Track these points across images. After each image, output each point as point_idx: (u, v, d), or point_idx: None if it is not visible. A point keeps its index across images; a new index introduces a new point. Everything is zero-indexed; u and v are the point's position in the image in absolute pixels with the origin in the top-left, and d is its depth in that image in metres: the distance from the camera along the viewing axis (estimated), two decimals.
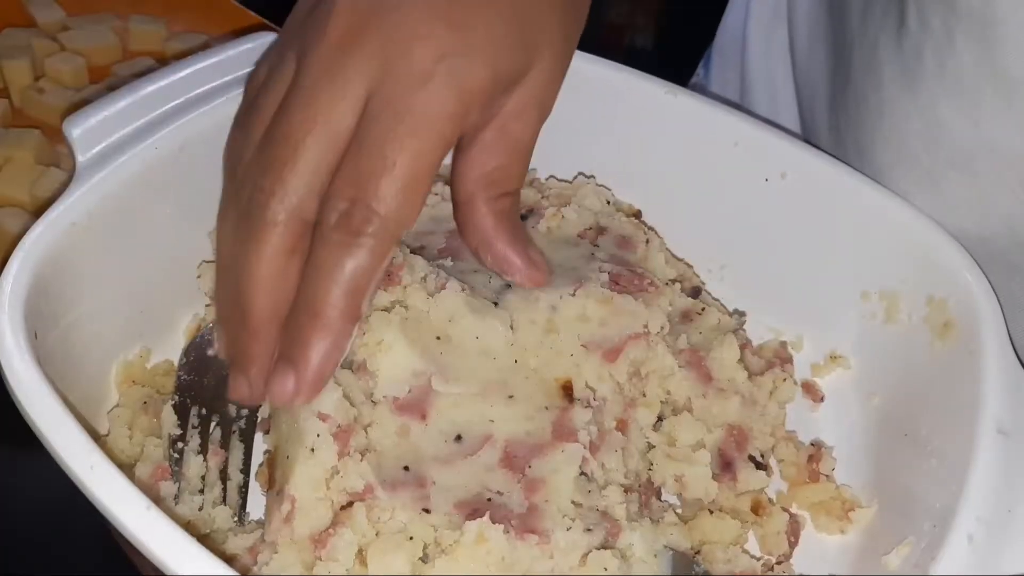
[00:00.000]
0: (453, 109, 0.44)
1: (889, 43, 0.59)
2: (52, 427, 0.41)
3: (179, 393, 0.53)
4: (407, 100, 0.44)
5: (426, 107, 0.44)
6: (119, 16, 0.86)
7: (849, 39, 0.65)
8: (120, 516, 0.39)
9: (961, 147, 0.56)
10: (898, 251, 0.57)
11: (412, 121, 0.44)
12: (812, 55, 0.73)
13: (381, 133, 0.44)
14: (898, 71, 0.58)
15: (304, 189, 0.44)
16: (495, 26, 0.46)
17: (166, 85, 0.55)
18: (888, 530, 0.51)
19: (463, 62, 0.45)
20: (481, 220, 0.49)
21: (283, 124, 0.45)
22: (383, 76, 0.44)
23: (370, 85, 0.44)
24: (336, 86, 0.44)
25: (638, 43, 1.78)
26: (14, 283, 0.45)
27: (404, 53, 0.44)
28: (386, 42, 0.44)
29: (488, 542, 0.44)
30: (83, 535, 0.55)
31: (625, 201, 0.63)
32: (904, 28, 0.58)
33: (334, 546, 0.44)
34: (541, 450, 0.48)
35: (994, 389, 0.48)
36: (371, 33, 0.45)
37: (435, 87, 0.44)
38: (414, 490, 0.46)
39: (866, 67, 0.62)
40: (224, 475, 0.52)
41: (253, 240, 0.45)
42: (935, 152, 0.57)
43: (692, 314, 0.58)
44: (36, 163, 0.74)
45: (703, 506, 0.53)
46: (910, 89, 0.57)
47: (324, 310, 0.44)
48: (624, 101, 0.61)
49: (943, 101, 0.56)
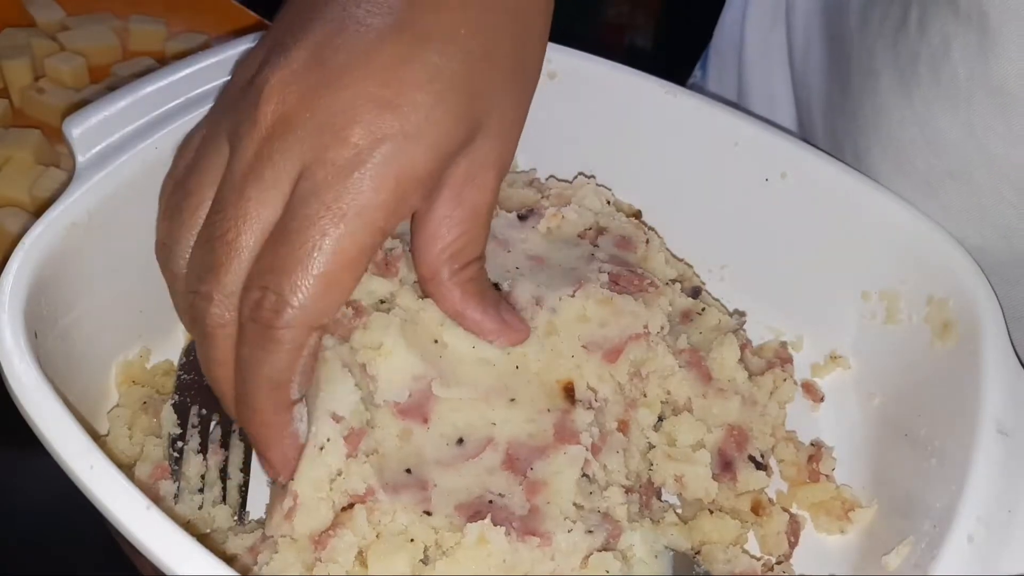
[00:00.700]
0: (386, 198, 0.42)
1: (886, 50, 0.59)
2: (52, 427, 0.41)
3: (179, 393, 0.54)
4: (335, 188, 0.42)
5: (356, 196, 0.42)
6: (119, 16, 0.86)
7: (847, 43, 0.65)
8: (120, 516, 0.39)
9: (958, 157, 0.56)
10: (898, 251, 0.57)
11: (338, 210, 0.42)
12: (809, 57, 0.73)
13: (304, 221, 0.42)
14: (895, 79, 0.58)
15: (237, 287, 0.43)
16: (433, 105, 0.43)
17: (166, 85, 0.55)
18: (888, 530, 0.51)
19: (399, 146, 0.42)
20: (448, 294, 0.48)
21: (217, 223, 0.44)
22: (313, 162, 0.42)
23: (298, 172, 0.43)
24: (266, 177, 0.43)
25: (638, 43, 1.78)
26: (14, 283, 0.45)
27: (335, 138, 0.42)
28: (317, 127, 0.42)
29: (489, 544, 0.44)
30: (83, 535, 0.55)
31: (625, 201, 0.63)
32: (902, 35, 0.57)
33: (334, 547, 0.44)
34: (543, 452, 0.48)
35: (994, 389, 0.48)
36: (302, 117, 0.43)
37: (367, 174, 0.42)
38: (415, 492, 0.46)
39: (863, 73, 0.62)
40: (224, 474, 0.52)
41: (204, 347, 0.45)
42: (932, 161, 0.57)
43: (692, 314, 0.59)
44: (36, 163, 0.74)
45: (703, 506, 0.53)
46: (906, 97, 0.57)
47: (255, 407, 0.44)
48: (624, 101, 0.61)
49: (939, 111, 0.56)
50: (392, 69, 0.43)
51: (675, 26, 1.72)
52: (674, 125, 0.61)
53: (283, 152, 0.43)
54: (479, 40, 0.45)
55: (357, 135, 0.42)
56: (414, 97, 0.43)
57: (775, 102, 0.79)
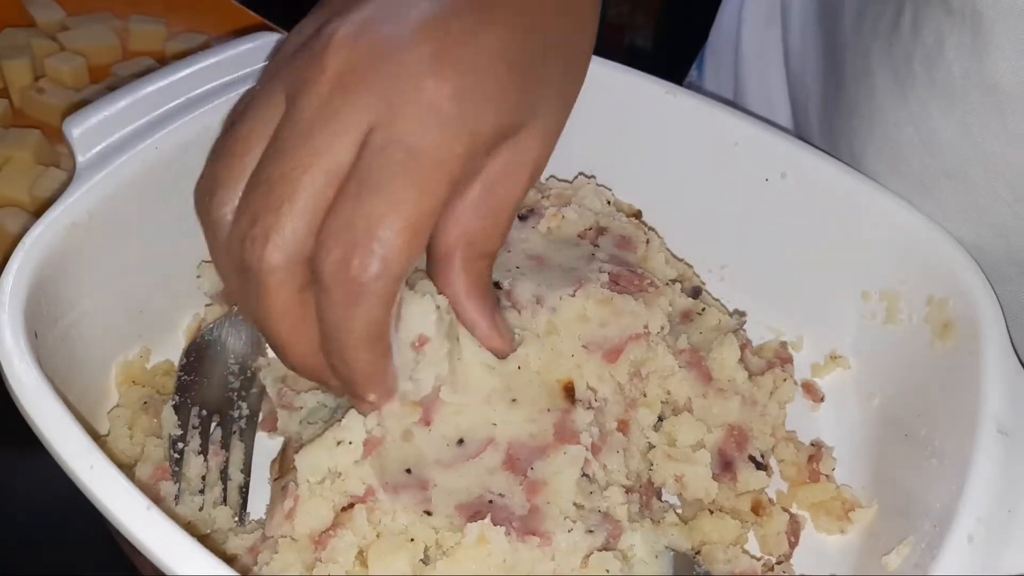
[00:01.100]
0: (464, 151, 0.42)
1: (881, 51, 0.59)
2: (52, 427, 0.41)
3: (180, 393, 0.53)
4: (419, 136, 0.41)
5: (440, 145, 0.42)
6: (119, 16, 0.86)
7: (842, 44, 0.65)
8: (120, 516, 0.39)
9: (953, 155, 0.56)
10: (898, 251, 0.57)
11: (425, 159, 0.41)
12: (805, 58, 0.73)
13: (388, 170, 0.41)
14: (890, 79, 0.58)
15: (304, 230, 0.41)
16: (502, 75, 0.44)
17: (166, 85, 0.55)
18: (888, 530, 0.51)
19: (476, 105, 0.43)
20: (455, 279, 0.47)
21: (277, 163, 0.42)
22: (391, 112, 0.41)
23: (373, 120, 0.42)
24: (337, 122, 0.42)
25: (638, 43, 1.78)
26: (14, 283, 0.45)
27: (415, 89, 0.42)
28: (393, 79, 0.42)
29: (489, 544, 0.44)
30: (83, 535, 0.55)
31: (625, 201, 0.63)
32: (896, 35, 0.57)
33: (334, 547, 0.44)
34: (543, 452, 0.48)
35: (994, 389, 0.48)
36: (375, 70, 0.42)
37: (450, 126, 0.42)
38: (416, 492, 0.46)
39: (858, 73, 0.62)
40: (224, 475, 0.52)
41: (257, 297, 0.42)
42: (927, 160, 0.57)
43: (692, 314, 0.59)
44: (36, 163, 0.74)
45: (703, 506, 0.53)
46: (902, 97, 0.57)
47: (355, 362, 0.43)
48: (624, 101, 0.61)
49: (934, 110, 0.56)
50: (460, 35, 0.43)
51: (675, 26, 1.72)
52: (674, 125, 0.61)
53: (355, 102, 0.42)
54: (537, 29, 0.46)
55: (438, 88, 0.42)
56: (485, 65, 0.43)
57: (771, 103, 0.79)
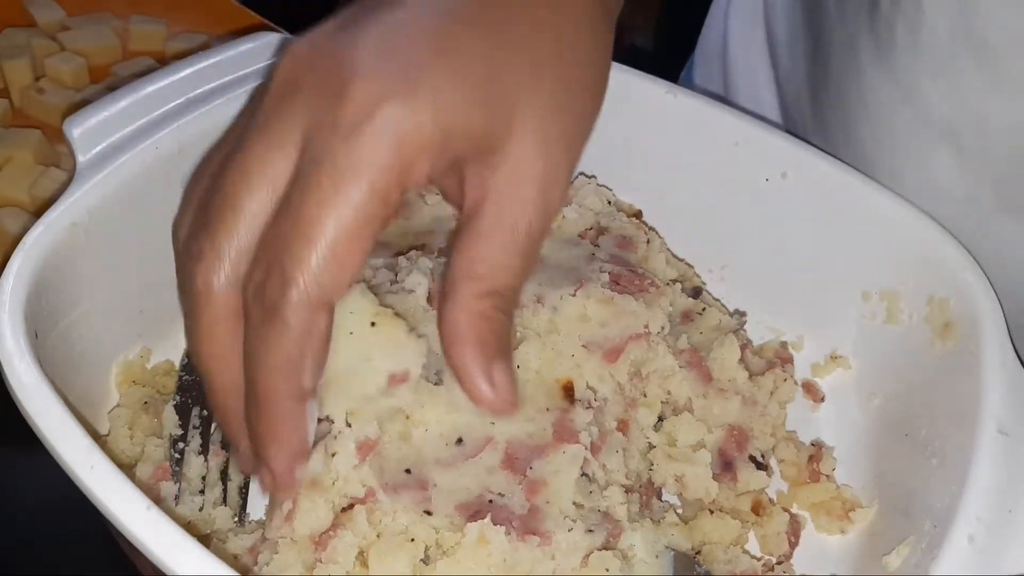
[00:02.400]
0: (387, 162, 0.38)
1: (864, 28, 0.59)
2: (52, 427, 0.41)
3: (181, 393, 0.53)
4: (333, 151, 0.38)
5: (356, 160, 0.38)
6: (119, 16, 0.86)
7: (827, 33, 0.65)
8: (120, 516, 0.39)
9: (944, 121, 0.55)
10: (899, 251, 0.57)
11: (337, 175, 0.38)
12: (793, 54, 0.73)
13: (304, 189, 0.38)
14: (874, 53, 0.58)
15: (235, 253, 0.40)
16: (446, 75, 0.40)
17: (166, 85, 0.55)
18: (888, 530, 0.51)
19: (401, 106, 0.38)
20: (451, 316, 0.41)
21: (217, 181, 0.41)
22: (314, 123, 0.39)
23: (303, 132, 0.39)
24: (271, 136, 0.40)
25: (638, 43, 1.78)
26: (14, 283, 0.45)
27: (338, 95, 0.39)
28: (323, 84, 0.39)
29: (490, 544, 0.44)
30: (83, 535, 0.55)
31: (625, 201, 0.63)
32: (877, 9, 0.57)
33: (334, 548, 0.44)
34: (542, 451, 0.48)
35: (994, 389, 0.48)
36: (312, 75, 0.40)
37: (367, 134, 0.38)
38: (415, 492, 0.46)
39: (844, 57, 0.62)
40: (225, 476, 0.52)
41: (191, 318, 0.41)
42: (919, 130, 0.57)
43: (693, 314, 0.59)
44: (36, 163, 0.74)
45: (703, 506, 0.53)
46: (889, 70, 0.57)
47: (265, 399, 0.40)
48: (624, 101, 0.61)
49: (922, 76, 0.55)
50: (410, 37, 0.40)
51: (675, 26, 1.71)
52: (674, 125, 0.61)
53: (289, 110, 0.40)
54: (518, 33, 0.42)
55: (361, 92, 0.39)
56: (425, 64, 0.40)
57: (760, 103, 0.79)
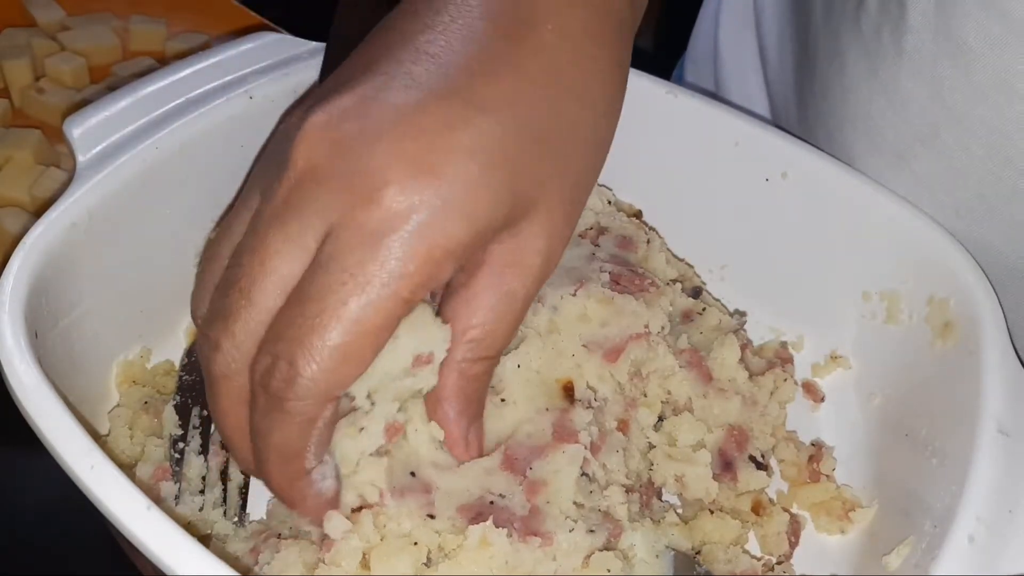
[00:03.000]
0: (415, 270, 0.39)
1: (850, 29, 0.59)
2: (52, 427, 0.41)
3: (181, 393, 0.53)
4: (361, 253, 0.39)
5: (383, 266, 0.39)
6: (119, 16, 0.86)
7: (814, 31, 0.65)
8: (120, 516, 0.39)
9: (925, 120, 0.56)
10: (899, 251, 0.57)
11: (362, 278, 0.39)
12: (781, 57, 0.73)
13: (324, 287, 0.39)
14: (860, 54, 0.58)
15: (251, 344, 0.41)
16: (477, 176, 0.40)
17: (166, 85, 0.55)
18: (888, 530, 0.51)
19: (434, 215, 0.39)
20: (444, 375, 0.44)
21: (233, 269, 0.42)
22: (341, 221, 0.39)
23: (326, 228, 0.40)
24: (290, 228, 0.40)
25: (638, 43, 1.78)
26: (14, 283, 0.45)
27: (368, 198, 0.39)
28: (349, 183, 0.39)
29: (491, 546, 0.44)
30: (83, 535, 0.55)
31: (625, 201, 0.63)
32: (863, 11, 0.58)
33: (338, 551, 0.44)
34: (542, 451, 0.48)
35: (994, 389, 0.48)
36: (334, 170, 0.40)
37: (397, 243, 0.39)
38: (419, 496, 0.46)
39: (830, 56, 0.62)
40: (225, 476, 0.52)
41: (211, 394, 0.43)
42: (901, 129, 0.57)
43: (693, 314, 0.59)
44: (36, 163, 0.74)
45: (704, 506, 0.53)
46: (872, 70, 0.58)
47: (269, 475, 0.43)
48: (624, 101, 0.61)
49: (904, 77, 0.56)
50: (436, 132, 0.40)
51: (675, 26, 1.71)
52: (674, 125, 0.61)
53: (311, 203, 0.40)
54: (535, 118, 0.43)
55: (390, 197, 0.39)
56: (456, 165, 0.40)
57: (751, 105, 0.79)
